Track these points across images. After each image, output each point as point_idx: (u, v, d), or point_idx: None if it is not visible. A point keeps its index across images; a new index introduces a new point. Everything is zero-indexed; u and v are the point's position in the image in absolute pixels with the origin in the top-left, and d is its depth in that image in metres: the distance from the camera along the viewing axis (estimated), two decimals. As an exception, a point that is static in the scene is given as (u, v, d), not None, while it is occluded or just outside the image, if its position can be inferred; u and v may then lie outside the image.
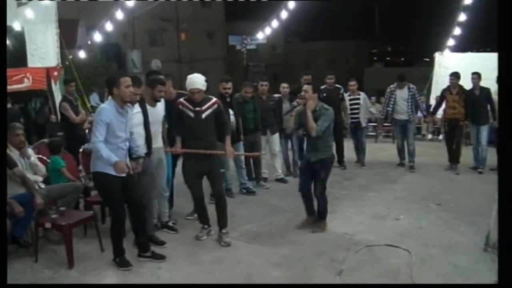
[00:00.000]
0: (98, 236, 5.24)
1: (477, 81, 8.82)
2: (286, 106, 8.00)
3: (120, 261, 4.75)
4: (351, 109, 9.19)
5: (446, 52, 13.75)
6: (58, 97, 11.33)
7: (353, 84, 9.27)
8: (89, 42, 16.23)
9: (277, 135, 8.06)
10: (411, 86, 8.96)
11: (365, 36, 47.12)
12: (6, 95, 4.55)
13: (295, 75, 8.86)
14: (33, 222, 5.17)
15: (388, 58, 54.30)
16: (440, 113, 9.77)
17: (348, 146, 9.60)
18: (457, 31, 13.31)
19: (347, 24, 46.44)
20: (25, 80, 10.57)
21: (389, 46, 57.79)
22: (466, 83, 10.04)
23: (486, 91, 8.80)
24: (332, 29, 45.04)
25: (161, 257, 4.93)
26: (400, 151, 9.30)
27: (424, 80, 14.17)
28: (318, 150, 5.60)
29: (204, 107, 5.26)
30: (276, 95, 8.26)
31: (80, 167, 6.67)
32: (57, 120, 10.52)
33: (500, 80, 4.22)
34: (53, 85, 11.25)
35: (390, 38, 54.32)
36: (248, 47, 30.71)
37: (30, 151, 5.84)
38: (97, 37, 12.98)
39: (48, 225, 5.00)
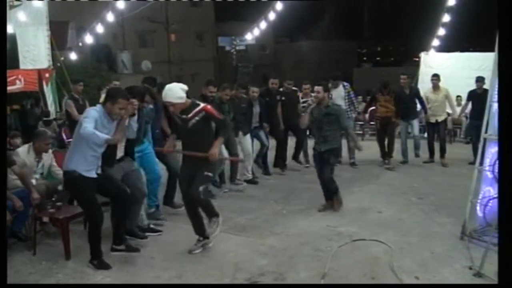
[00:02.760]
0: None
1: (406, 81, 9.58)
2: (256, 109, 8.29)
3: (98, 264, 4.80)
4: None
5: (432, 52, 14.12)
6: (49, 98, 11.57)
7: (306, 87, 9.36)
8: (80, 44, 16.45)
9: (248, 136, 8.19)
10: (345, 84, 9.52)
11: (354, 36, 47.38)
12: (6, 95, 4.77)
13: (284, 75, 9.12)
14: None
15: (377, 58, 54.77)
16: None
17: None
18: (441, 31, 13.71)
19: (337, 25, 46.69)
20: (17, 81, 10.81)
21: (378, 46, 58.23)
22: (452, 82, 10.42)
23: (415, 90, 9.71)
24: (321, 29, 45.24)
25: (135, 250, 5.00)
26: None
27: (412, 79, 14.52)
28: (328, 141, 6.51)
29: (190, 115, 5.06)
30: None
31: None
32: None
33: (500, 80, 4.34)
34: (44, 87, 11.49)
35: (379, 39, 54.70)
36: (237, 48, 30.94)
37: (51, 155, 6.16)
38: (88, 38, 13.24)
39: (46, 219, 5.26)
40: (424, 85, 11.79)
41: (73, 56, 15.25)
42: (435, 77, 9.80)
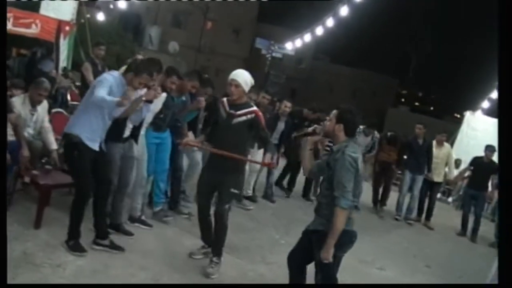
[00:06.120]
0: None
1: (422, 131, 9.49)
2: (280, 126, 8.19)
3: (74, 245, 4.66)
4: None
5: (478, 113, 14.03)
6: (63, 53, 11.53)
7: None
8: (111, 6, 16.51)
9: (261, 152, 7.59)
10: (376, 134, 9.94)
11: (397, 73, 46.46)
12: (6, 88, 4.80)
13: (314, 95, 9.08)
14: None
15: (416, 104, 54.49)
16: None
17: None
18: (494, 94, 13.62)
19: (382, 56, 46.48)
20: (33, 26, 10.76)
21: (420, 91, 58.00)
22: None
23: (428, 143, 9.54)
24: (364, 57, 45.01)
25: (118, 248, 4.87)
26: None
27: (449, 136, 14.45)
28: (320, 214, 4.02)
29: (238, 112, 4.95)
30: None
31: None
32: (56, 75, 10.78)
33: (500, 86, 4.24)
34: (61, 39, 11.46)
35: (423, 83, 54.26)
36: (273, 54, 30.80)
37: (43, 109, 6.08)
38: (121, 3, 13.29)
39: (27, 179, 5.17)
40: (462, 147, 11.76)
41: (100, 16, 15.28)
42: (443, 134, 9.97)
